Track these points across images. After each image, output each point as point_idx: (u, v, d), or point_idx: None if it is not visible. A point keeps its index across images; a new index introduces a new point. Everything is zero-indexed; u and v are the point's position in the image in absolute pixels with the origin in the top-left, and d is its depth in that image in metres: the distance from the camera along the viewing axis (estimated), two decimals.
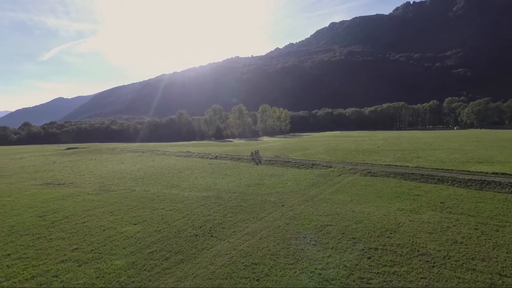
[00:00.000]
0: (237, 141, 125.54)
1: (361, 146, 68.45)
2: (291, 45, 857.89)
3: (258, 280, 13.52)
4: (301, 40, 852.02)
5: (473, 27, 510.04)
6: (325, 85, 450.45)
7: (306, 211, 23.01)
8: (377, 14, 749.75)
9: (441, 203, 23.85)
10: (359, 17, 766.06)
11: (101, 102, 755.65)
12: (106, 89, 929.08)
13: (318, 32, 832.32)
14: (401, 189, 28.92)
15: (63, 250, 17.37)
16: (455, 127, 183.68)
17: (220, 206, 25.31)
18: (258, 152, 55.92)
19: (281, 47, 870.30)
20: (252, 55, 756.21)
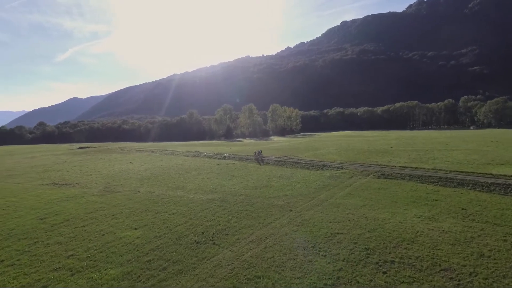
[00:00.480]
0: (247, 140, 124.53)
1: (373, 146, 66.34)
2: (302, 44, 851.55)
3: None
4: (312, 39, 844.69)
5: (490, 24, 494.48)
6: (336, 84, 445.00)
7: (315, 216, 21.61)
8: (389, 12, 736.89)
9: (462, 209, 22.04)
10: (371, 15, 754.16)
11: (114, 102, 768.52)
12: (119, 89, 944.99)
13: (329, 31, 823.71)
14: (417, 193, 27.12)
15: (58, 257, 16.53)
16: (471, 127, 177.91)
17: (225, 210, 24.16)
18: (261, 152, 55.64)
19: (292, 46, 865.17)
20: (263, 55, 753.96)
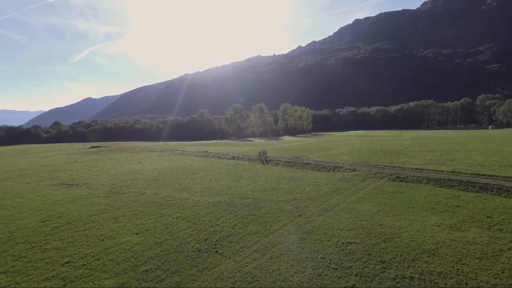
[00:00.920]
0: (257, 140, 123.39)
1: (387, 146, 64.12)
2: (313, 43, 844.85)
3: None
4: (324, 38, 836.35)
5: (508, 20, 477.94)
6: (348, 83, 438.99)
7: (326, 223, 20.22)
8: (403, 9, 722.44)
9: (487, 217, 20.22)
10: (385, 13, 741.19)
11: (127, 102, 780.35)
12: (132, 89, 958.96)
13: (341, 29, 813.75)
14: (436, 198, 25.33)
15: (54, 264, 15.74)
16: (489, 126, 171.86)
17: (231, 214, 23.05)
18: (266, 152, 55.06)
19: (303, 45, 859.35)
20: (274, 54, 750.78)
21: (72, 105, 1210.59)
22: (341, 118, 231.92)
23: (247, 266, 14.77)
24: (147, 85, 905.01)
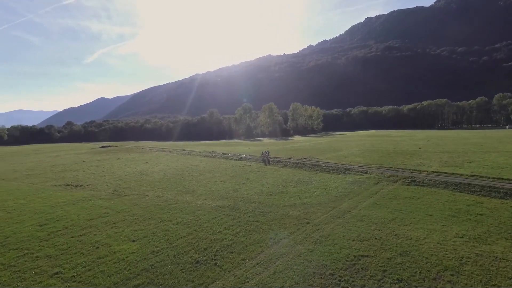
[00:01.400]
0: (267, 140, 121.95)
1: (400, 147, 61.74)
2: (324, 42, 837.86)
3: None
4: (335, 37, 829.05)
5: None
6: (359, 82, 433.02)
7: (335, 232, 18.67)
8: (416, 7, 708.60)
9: None
10: (397, 10, 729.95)
11: (138, 102, 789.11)
12: (143, 89, 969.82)
13: (352, 28, 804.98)
14: (456, 204, 23.42)
15: (42, 275, 14.73)
16: (507, 126, 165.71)
17: (234, 220, 21.73)
18: (269, 152, 53.83)
19: (314, 44, 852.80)
20: (284, 53, 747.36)
21: (85, 105, 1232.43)
22: (352, 118, 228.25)
23: (248, 282, 13.40)
24: (158, 85, 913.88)
